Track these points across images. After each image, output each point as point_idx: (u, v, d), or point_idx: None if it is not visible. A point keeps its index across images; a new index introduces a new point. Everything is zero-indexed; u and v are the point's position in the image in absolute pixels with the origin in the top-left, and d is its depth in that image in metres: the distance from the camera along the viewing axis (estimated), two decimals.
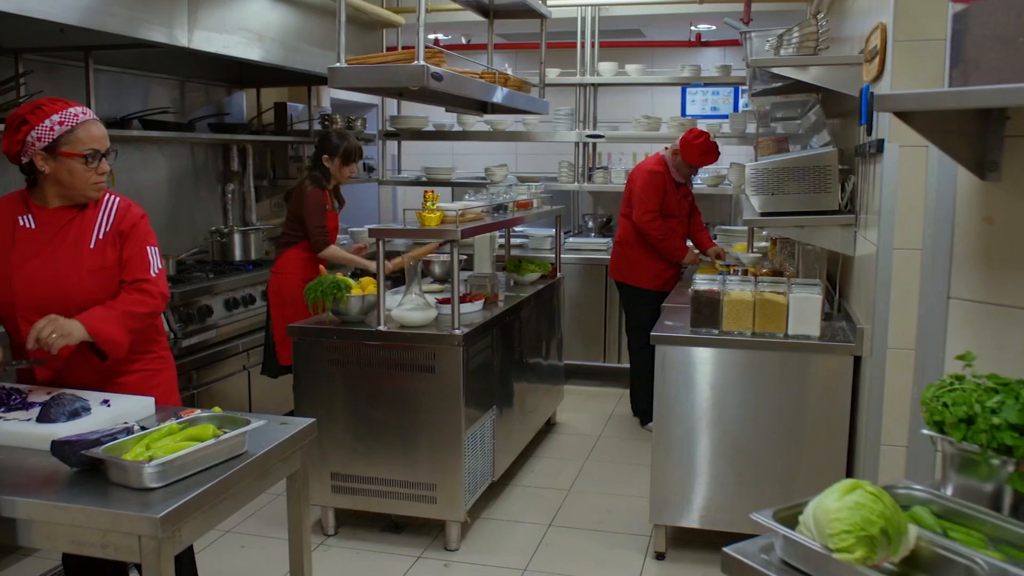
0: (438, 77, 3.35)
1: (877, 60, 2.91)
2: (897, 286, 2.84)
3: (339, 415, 3.74)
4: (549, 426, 5.39)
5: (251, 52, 4.78)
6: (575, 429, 5.44)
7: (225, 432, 2.11)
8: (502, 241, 5.60)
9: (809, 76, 3.51)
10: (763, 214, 3.62)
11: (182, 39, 4.21)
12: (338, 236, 4.79)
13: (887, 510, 1.49)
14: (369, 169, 6.98)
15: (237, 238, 5.36)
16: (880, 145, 2.93)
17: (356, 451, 3.76)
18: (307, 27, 5.31)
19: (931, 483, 1.80)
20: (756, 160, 4.18)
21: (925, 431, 1.76)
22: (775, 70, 3.65)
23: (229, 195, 5.92)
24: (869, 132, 3.19)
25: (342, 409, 3.74)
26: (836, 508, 1.49)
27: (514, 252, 5.98)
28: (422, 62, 3.28)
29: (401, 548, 3.78)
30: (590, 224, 7.13)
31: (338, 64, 3.39)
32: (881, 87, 2.91)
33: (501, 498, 4.31)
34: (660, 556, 3.68)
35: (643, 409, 5.46)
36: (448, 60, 3.74)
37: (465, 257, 5.19)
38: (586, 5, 6.52)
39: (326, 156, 4.55)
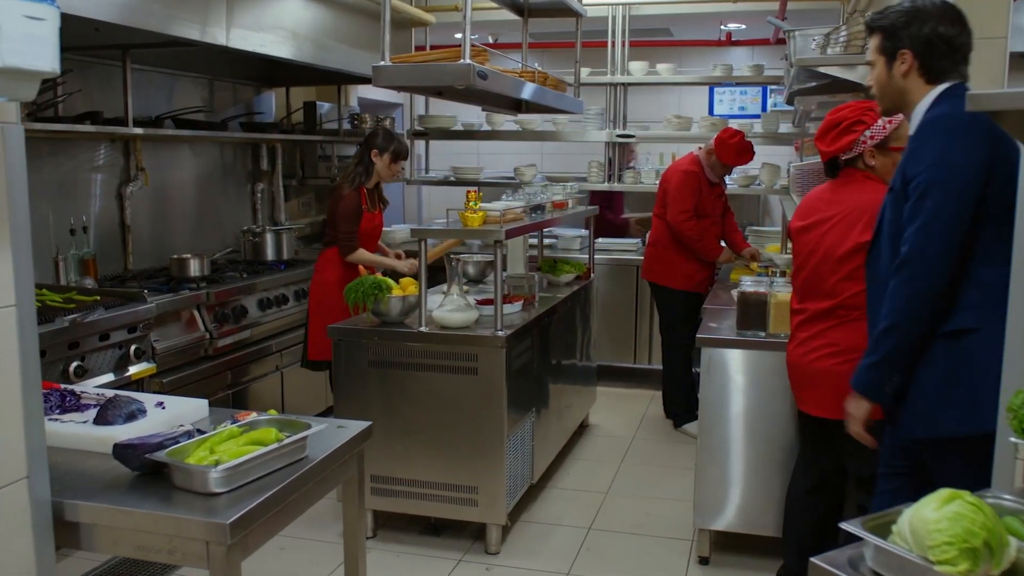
0: (484, 76, 3.32)
1: None
2: None
3: (379, 416, 3.70)
4: (583, 428, 5.35)
5: (285, 50, 4.75)
6: (609, 431, 5.39)
7: (287, 436, 2.09)
8: (532, 242, 5.56)
9: (857, 75, 3.45)
10: None
11: (220, 37, 4.19)
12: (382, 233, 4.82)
13: (989, 521, 1.44)
14: None
15: (269, 238, 5.34)
16: None
17: (396, 453, 3.73)
18: (338, 25, 5.29)
19: (1012, 491, 1.76)
20: (801, 160, 4.13)
21: (1012, 439, 1.71)
22: (822, 69, 3.60)
23: (258, 194, 5.91)
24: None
25: (382, 410, 3.71)
26: (936, 519, 1.45)
27: (545, 253, 5.93)
28: (468, 60, 3.25)
29: (441, 551, 3.75)
30: None
31: (382, 63, 3.37)
32: None
33: (540, 501, 4.27)
34: (704, 561, 3.63)
35: (676, 411, 5.41)
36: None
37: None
38: (616, 4, 6.46)
39: (375, 151, 4.51)
